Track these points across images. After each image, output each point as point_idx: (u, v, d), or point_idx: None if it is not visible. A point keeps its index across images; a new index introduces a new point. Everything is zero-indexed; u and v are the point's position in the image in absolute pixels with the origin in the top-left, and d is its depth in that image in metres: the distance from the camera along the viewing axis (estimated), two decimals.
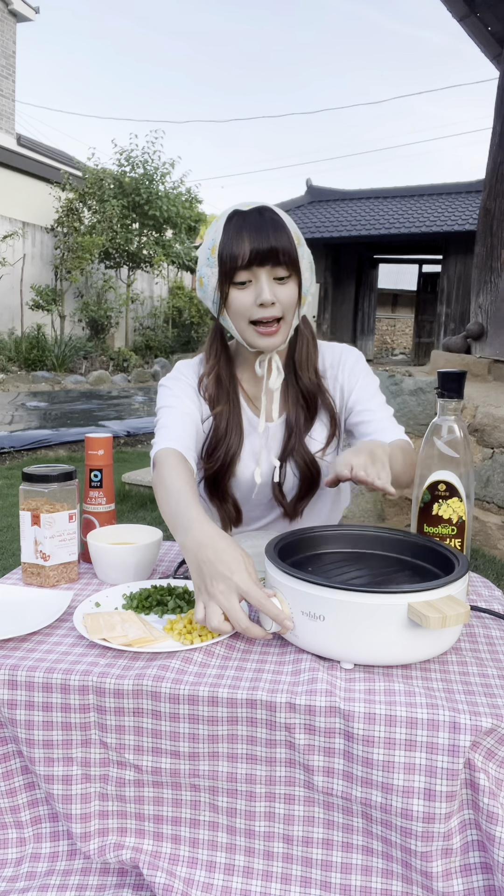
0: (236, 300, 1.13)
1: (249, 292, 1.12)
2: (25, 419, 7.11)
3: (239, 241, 1.09)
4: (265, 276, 1.11)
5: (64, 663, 0.84)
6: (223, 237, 1.11)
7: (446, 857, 0.74)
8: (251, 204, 1.14)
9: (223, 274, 1.12)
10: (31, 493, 1.07)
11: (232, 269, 1.10)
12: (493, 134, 4.63)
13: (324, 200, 13.52)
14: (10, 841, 0.85)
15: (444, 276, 11.78)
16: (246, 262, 1.09)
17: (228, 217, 1.12)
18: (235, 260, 1.09)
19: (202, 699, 0.78)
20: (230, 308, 1.14)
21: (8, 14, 13.66)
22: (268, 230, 1.09)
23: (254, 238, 1.09)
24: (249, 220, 1.10)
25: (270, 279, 1.12)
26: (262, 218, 1.10)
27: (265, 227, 1.09)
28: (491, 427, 3.41)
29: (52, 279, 12.68)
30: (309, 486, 1.25)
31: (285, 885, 0.79)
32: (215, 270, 1.13)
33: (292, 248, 1.11)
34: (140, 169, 13.29)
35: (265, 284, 1.11)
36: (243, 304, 1.13)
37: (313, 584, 0.80)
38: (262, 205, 1.13)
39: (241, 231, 1.09)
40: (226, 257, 1.10)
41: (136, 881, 0.84)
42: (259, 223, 1.10)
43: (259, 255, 1.09)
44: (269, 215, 1.11)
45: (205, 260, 1.15)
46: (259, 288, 1.11)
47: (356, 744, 0.75)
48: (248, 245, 1.09)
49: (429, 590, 0.78)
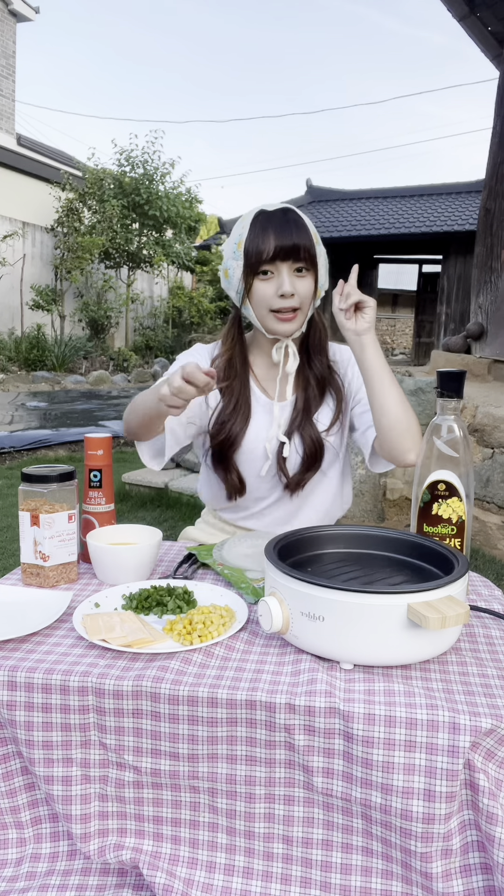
0: (259, 290, 1.23)
1: (271, 284, 1.22)
2: (25, 419, 7.11)
3: (265, 237, 1.20)
4: (286, 269, 1.21)
5: (63, 664, 0.84)
6: (249, 233, 1.21)
7: (446, 857, 0.74)
8: (276, 205, 1.24)
9: (248, 266, 1.22)
10: (30, 494, 1.07)
11: (257, 262, 1.21)
12: (493, 134, 4.63)
13: (324, 200, 13.51)
14: (11, 841, 0.85)
15: (444, 276, 11.77)
16: (270, 256, 1.19)
17: (255, 216, 1.23)
18: (261, 254, 1.20)
19: (201, 700, 0.78)
20: (253, 297, 1.24)
21: (8, 14, 13.66)
22: (291, 229, 1.20)
23: (278, 235, 1.19)
24: (274, 219, 1.21)
25: (291, 272, 1.22)
26: (286, 217, 1.21)
27: (289, 225, 1.20)
28: (491, 427, 3.41)
29: (52, 279, 12.68)
30: (312, 461, 1.32)
31: (285, 886, 0.79)
32: (240, 263, 1.23)
33: (312, 245, 1.22)
34: (140, 169, 13.29)
35: (286, 277, 1.21)
36: (265, 294, 1.23)
37: (313, 584, 0.80)
38: (287, 206, 1.24)
39: (266, 228, 1.20)
40: (251, 251, 1.20)
41: (136, 881, 0.84)
42: (283, 222, 1.21)
43: (282, 250, 1.19)
44: (293, 216, 1.22)
45: (231, 253, 1.25)
46: (280, 280, 1.21)
47: (356, 744, 0.75)
48: (273, 241, 1.19)
49: (428, 590, 0.78)
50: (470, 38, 4.76)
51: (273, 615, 0.84)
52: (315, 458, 1.32)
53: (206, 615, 0.92)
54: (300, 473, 1.32)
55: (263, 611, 0.86)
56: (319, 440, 1.31)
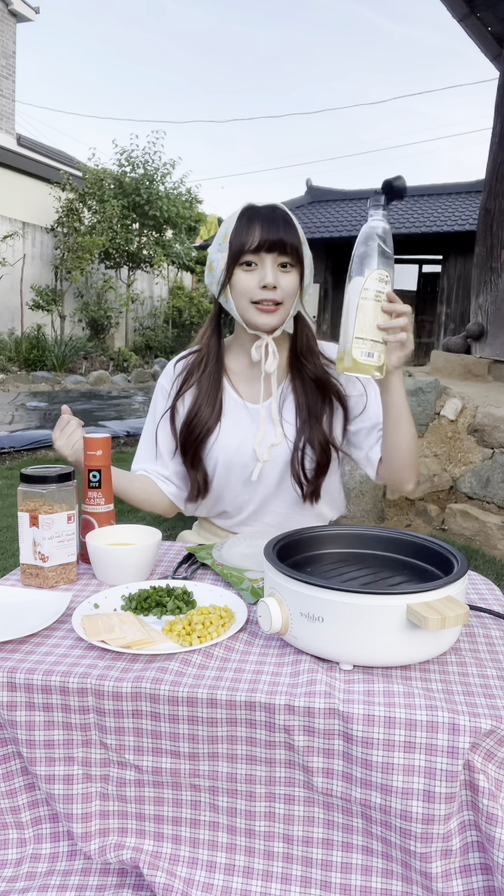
0: (241, 281, 1.22)
1: (254, 275, 1.21)
2: (25, 419, 7.10)
3: (250, 229, 1.19)
4: (270, 262, 1.20)
5: (62, 665, 0.83)
6: (236, 225, 1.21)
7: (446, 858, 0.74)
8: (264, 202, 1.24)
9: (231, 256, 1.21)
10: (29, 494, 1.07)
11: (240, 252, 1.20)
12: (493, 134, 4.63)
13: (324, 200, 13.50)
14: (11, 842, 0.85)
15: (444, 276, 11.77)
16: (255, 246, 1.19)
17: (243, 210, 1.23)
18: (244, 245, 1.19)
19: (201, 701, 0.78)
20: (234, 288, 1.23)
21: (8, 14, 13.65)
22: (279, 223, 1.20)
23: (265, 228, 1.19)
24: (262, 213, 1.21)
25: (275, 266, 1.21)
26: (274, 213, 1.21)
27: (276, 220, 1.20)
28: (491, 427, 3.41)
29: (52, 279, 12.67)
30: (326, 466, 1.31)
31: (285, 885, 0.79)
32: (225, 255, 1.22)
33: (299, 243, 1.21)
34: (140, 169, 13.29)
35: (269, 269, 1.20)
36: (247, 285, 1.21)
37: (312, 585, 0.80)
38: (277, 204, 1.24)
39: (253, 221, 1.20)
40: (236, 242, 1.20)
41: (137, 881, 0.84)
42: (271, 216, 1.20)
43: (268, 242, 1.19)
44: (281, 212, 1.22)
45: (217, 246, 1.25)
46: (263, 272, 1.20)
47: (355, 745, 0.75)
48: (259, 233, 1.19)
49: (428, 591, 0.78)
50: (470, 38, 4.75)
51: (272, 616, 0.84)
52: (328, 462, 1.30)
53: (205, 616, 0.92)
54: (314, 481, 1.30)
55: (263, 611, 0.86)
56: (329, 442, 1.30)
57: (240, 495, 1.34)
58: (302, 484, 1.30)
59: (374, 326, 1.03)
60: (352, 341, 1.02)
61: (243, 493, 1.34)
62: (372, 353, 1.03)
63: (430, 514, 3.49)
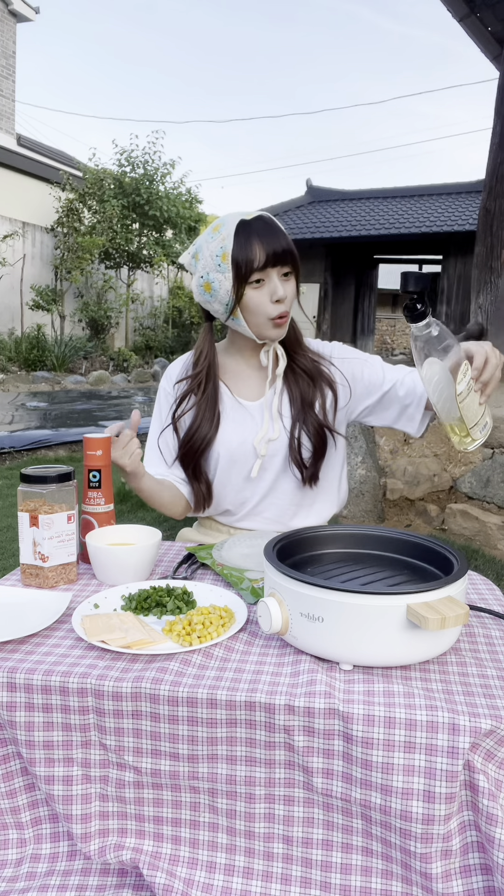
0: (253, 300, 1.23)
1: (263, 291, 1.23)
2: (25, 419, 7.10)
3: (251, 246, 1.20)
4: (276, 274, 1.23)
5: (62, 665, 0.83)
6: (235, 244, 1.21)
7: (446, 858, 0.74)
8: (249, 213, 1.24)
9: (239, 277, 1.21)
10: (29, 495, 1.07)
11: (248, 272, 1.21)
12: (493, 134, 4.63)
13: (324, 200, 13.51)
14: (11, 842, 0.85)
15: (444, 276, 11.77)
16: (262, 264, 1.20)
17: (237, 227, 1.22)
18: (252, 263, 1.20)
19: (201, 701, 0.78)
20: (246, 307, 1.24)
21: (8, 14, 13.65)
22: (276, 235, 1.22)
23: (265, 243, 1.20)
24: (256, 227, 1.22)
25: (280, 277, 1.24)
26: (266, 225, 1.22)
27: (272, 231, 1.22)
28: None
29: (52, 279, 12.67)
30: (323, 450, 1.33)
31: (285, 886, 0.79)
32: (228, 275, 1.22)
33: (294, 249, 1.24)
34: (140, 169, 13.29)
35: (278, 282, 1.23)
36: (260, 302, 1.23)
37: (312, 585, 0.80)
38: (261, 213, 1.25)
39: (251, 237, 1.21)
40: (242, 261, 1.20)
41: (136, 881, 0.84)
42: (265, 229, 1.22)
43: (273, 256, 1.21)
44: (270, 221, 1.24)
45: (214, 266, 1.24)
46: (273, 286, 1.22)
47: (355, 745, 0.74)
48: (263, 249, 1.20)
49: (428, 591, 0.78)
50: (470, 38, 4.76)
51: (272, 616, 0.84)
52: (325, 445, 1.33)
53: (205, 616, 0.92)
54: (313, 465, 1.33)
55: (263, 611, 0.86)
56: (323, 425, 1.32)
57: (241, 492, 1.36)
58: (301, 468, 1.33)
59: (478, 406, 1.08)
60: (469, 431, 1.07)
61: (245, 490, 1.35)
62: (486, 424, 1.10)
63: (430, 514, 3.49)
